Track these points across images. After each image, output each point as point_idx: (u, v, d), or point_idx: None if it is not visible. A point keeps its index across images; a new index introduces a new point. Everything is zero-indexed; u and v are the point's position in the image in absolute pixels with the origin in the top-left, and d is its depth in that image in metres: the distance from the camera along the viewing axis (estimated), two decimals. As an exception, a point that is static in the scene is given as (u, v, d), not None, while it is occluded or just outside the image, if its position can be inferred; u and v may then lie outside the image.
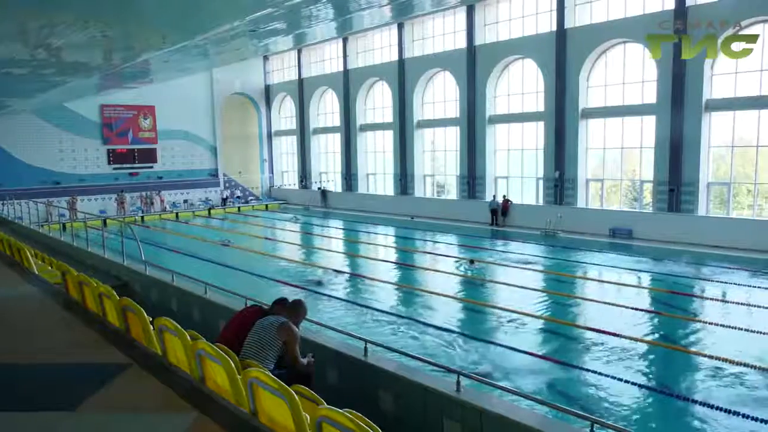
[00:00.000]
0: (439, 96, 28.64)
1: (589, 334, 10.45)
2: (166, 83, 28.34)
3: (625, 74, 21.40)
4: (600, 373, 8.49)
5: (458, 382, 4.98)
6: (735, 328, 10.47)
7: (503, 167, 26.16)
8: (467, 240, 21.47)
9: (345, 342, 6.59)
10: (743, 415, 7.09)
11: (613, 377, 8.35)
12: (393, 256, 19.75)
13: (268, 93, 39.10)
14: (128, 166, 32.94)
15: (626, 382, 8.24)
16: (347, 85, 32.70)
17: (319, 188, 34.82)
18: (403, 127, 29.46)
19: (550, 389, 7.98)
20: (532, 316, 11.60)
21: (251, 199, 36.85)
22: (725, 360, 8.85)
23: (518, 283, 14.21)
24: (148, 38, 12.25)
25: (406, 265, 17.75)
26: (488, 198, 25.07)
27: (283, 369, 5.20)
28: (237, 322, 5.84)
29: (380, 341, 7.20)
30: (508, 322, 11.31)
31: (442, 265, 16.90)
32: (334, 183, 35.14)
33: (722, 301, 12.81)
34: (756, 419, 7.00)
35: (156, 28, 11.39)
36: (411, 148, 29.40)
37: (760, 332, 10.15)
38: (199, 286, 9.04)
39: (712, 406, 7.38)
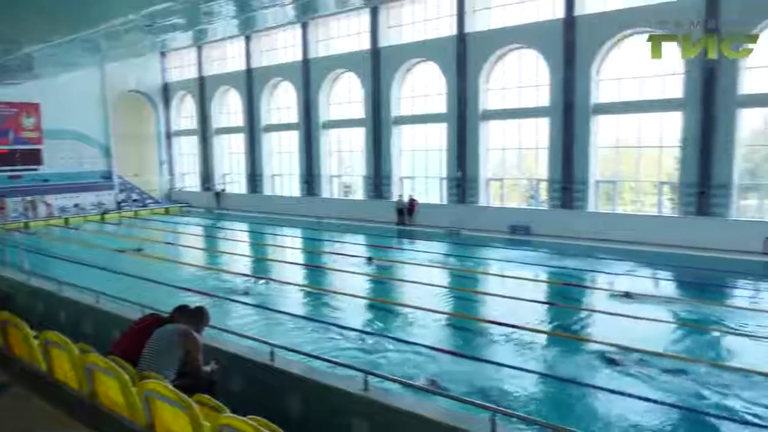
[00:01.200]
0: (345, 97, 28.67)
1: (488, 327, 10.85)
2: (53, 79, 26.42)
3: (522, 78, 22.50)
4: (501, 364, 8.83)
5: (365, 381, 5.02)
6: (622, 315, 11.25)
7: (408, 167, 26.65)
8: (374, 240, 21.65)
9: (251, 347, 6.45)
10: (636, 397, 7.62)
11: (513, 367, 8.71)
12: (297, 257, 19.52)
13: (167, 91, 37.40)
14: (8, 168, 30.30)
15: (527, 371, 8.63)
16: (251, 84, 31.98)
17: (222, 190, 33.81)
18: (309, 127, 29.25)
19: (453, 382, 8.18)
20: (435, 311, 11.87)
21: (149, 202, 35.05)
22: (615, 345, 9.46)
23: (421, 280, 14.51)
24: (33, 30, 11.39)
25: (310, 266, 17.62)
26: (394, 198, 25.44)
27: (185, 378, 5.01)
28: (134, 332, 5.55)
29: (288, 345, 7.10)
30: (413, 318, 11.52)
31: (347, 265, 16.91)
32: (238, 184, 34.23)
33: (609, 291, 13.74)
34: (647, 399, 7.57)
35: (42, 19, 10.60)
36: (317, 149, 29.24)
37: (644, 319, 11.01)
38: (91, 296, 8.50)
39: (607, 390, 7.86)
